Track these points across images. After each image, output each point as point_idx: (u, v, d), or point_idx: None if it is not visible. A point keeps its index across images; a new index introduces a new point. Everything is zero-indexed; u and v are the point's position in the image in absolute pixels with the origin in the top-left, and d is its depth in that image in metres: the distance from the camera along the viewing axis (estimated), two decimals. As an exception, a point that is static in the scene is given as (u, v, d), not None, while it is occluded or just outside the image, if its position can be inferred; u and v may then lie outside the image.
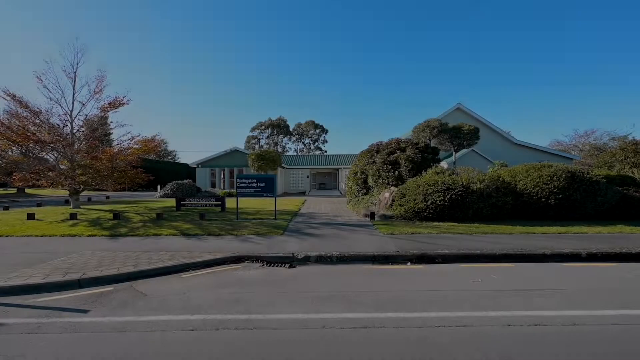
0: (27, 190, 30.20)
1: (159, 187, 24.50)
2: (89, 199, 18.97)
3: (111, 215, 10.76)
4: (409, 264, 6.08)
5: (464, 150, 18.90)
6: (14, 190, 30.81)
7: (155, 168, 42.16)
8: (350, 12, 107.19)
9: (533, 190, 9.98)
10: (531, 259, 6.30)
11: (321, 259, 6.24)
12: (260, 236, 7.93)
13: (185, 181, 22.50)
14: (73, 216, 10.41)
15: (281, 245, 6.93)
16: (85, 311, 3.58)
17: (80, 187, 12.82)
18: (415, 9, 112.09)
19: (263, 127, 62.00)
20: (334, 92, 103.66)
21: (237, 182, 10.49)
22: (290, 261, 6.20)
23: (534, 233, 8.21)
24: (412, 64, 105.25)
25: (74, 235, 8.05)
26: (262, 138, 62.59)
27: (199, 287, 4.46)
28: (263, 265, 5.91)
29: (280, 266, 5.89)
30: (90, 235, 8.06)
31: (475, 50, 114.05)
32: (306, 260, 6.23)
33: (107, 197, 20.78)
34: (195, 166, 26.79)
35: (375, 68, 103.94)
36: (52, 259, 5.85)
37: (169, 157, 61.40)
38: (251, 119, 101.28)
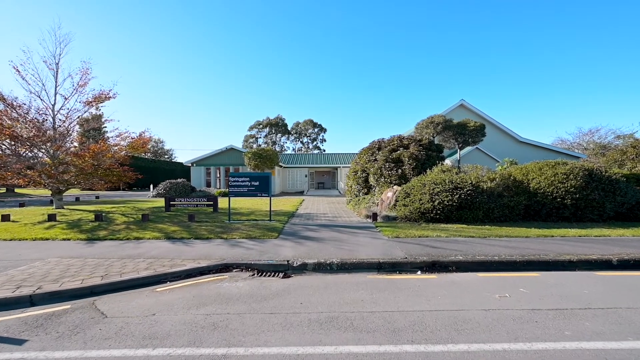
0: (17, 190, 29.28)
1: (151, 186, 23.68)
2: (77, 199, 18.14)
3: (94, 216, 9.98)
4: (419, 272, 5.37)
5: (468, 148, 18.22)
6: (3, 190, 29.87)
7: (151, 167, 41.47)
8: (350, 10, 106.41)
9: (548, 190, 9.28)
10: (556, 267, 5.61)
11: (320, 267, 5.52)
12: (252, 240, 7.18)
13: (179, 180, 21.68)
14: (52, 217, 9.63)
15: (275, 251, 6.20)
16: (21, 342, 2.83)
17: (64, 187, 12.01)
18: (416, 6, 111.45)
19: (261, 126, 61.21)
20: (333, 91, 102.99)
21: (229, 181, 9.73)
22: (285, 270, 5.47)
23: (552, 236, 7.52)
24: (413, 61, 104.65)
25: (47, 239, 7.28)
26: (260, 137, 61.81)
27: (172, 305, 3.71)
28: (253, 275, 5.17)
29: (273, 276, 5.16)
30: (64, 239, 7.29)
31: (475, 48, 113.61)
32: (303, 268, 5.50)
33: (97, 197, 19.97)
34: (190, 165, 25.98)
35: (375, 66, 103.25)
36: (10, 268, 5.08)
37: (166, 156, 60.53)
38: (249, 118, 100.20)
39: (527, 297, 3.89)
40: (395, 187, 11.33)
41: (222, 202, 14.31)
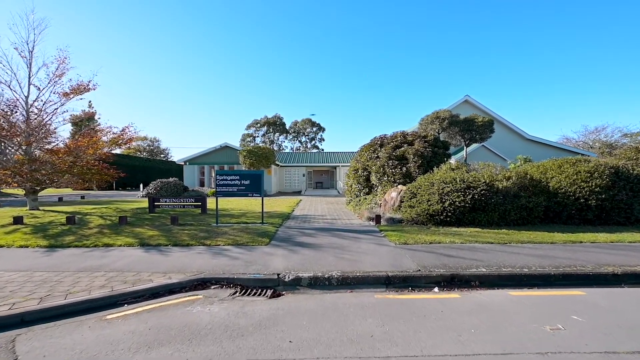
0: (4, 190, 28.13)
1: (141, 186, 22.64)
2: (60, 199, 17.10)
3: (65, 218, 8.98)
4: (436, 289, 4.45)
5: (474, 146, 17.34)
6: (-12, 190, 28.64)
7: (146, 166, 40.44)
8: (350, 10, 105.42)
9: (569, 189, 8.39)
10: (599, 281, 4.71)
11: (316, 282, 4.59)
12: (239, 247, 6.23)
13: (170, 179, 20.60)
14: (18, 220, 8.63)
15: (264, 261, 5.26)
16: None
17: (38, 186, 10.99)
18: (416, 6, 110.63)
19: (259, 124, 60.19)
20: (333, 91, 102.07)
21: (216, 179, 8.77)
22: (274, 285, 4.54)
23: (581, 242, 6.63)
24: (413, 61, 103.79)
25: (1, 247, 6.29)
26: (257, 136, 60.78)
27: (117, 344, 2.76)
28: (235, 293, 4.22)
29: (260, 294, 4.21)
30: (21, 246, 6.31)
31: (476, 48, 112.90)
32: (296, 284, 4.57)
33: (82, 197, 18.91)
34: (183, 163, 24.95)
35: (375, 66, 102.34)
36: None
37: (162, 155, 59.46)
38: (249, 118, 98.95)
39: (587, 330, 2.97)
40: (399, 186, 10.41)
41: (213, 203, 13.35)
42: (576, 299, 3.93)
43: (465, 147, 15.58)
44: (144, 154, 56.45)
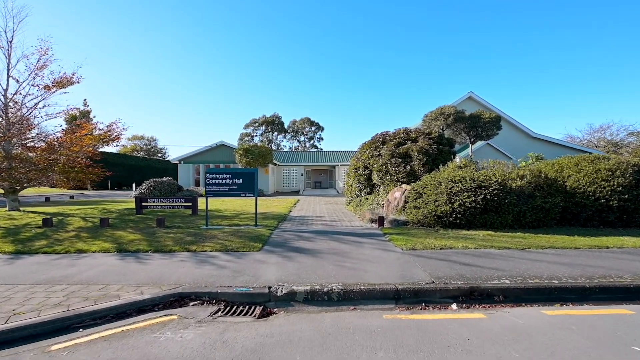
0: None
1: (133, 185, 21.91)
2: (47, 199, 16.36)
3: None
4: (454, 305, 3.80)
5: (479, 143, 16.70)
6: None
7: (142, 166, 39.70)
8: (350, 10, 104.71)
9: (589, 189, 7.75)
10: (641, 295, 4.06)
11: (314, 297, 3.93)
12: (227, 254, 5.56)
13: (164, 179, 19.86)
14: (-10, 222, 7.93)
15: (254, 271, 4.59)
16: None
17: (18, 185, 10.28)
18: (416, 6, 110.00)
19: (257, 124, 59.45)
20: (333, 91, 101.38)
21: (206, 178, 8.08)
22: (264, 301, 3.87)
23: (607, 247, 5.99)
24: (413, 61, 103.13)
25: (-41, 253, 5.60)
26: (255, 135, 60.06)
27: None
28: (217, 312, 3.55)
29: (246, 313, 3.55)
30: (-17, 253, 5.62)
31: (475, 48, 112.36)
32: (290, 299, 3.90)
33: (71, 197, 18.17)
34: (177, 162, 24.22)
35: (375, 66, 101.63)
36: None
37: (159, 155, 58.74)
38: (246, 117, 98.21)
39: (662, 370, 2.31)
40: (403, 185, 9.75)
41: (210, 203, 12.66)
42: (626, 320, 3.28)
43: (470, 145, 14.94)
44: (141, 153, 55.80)
